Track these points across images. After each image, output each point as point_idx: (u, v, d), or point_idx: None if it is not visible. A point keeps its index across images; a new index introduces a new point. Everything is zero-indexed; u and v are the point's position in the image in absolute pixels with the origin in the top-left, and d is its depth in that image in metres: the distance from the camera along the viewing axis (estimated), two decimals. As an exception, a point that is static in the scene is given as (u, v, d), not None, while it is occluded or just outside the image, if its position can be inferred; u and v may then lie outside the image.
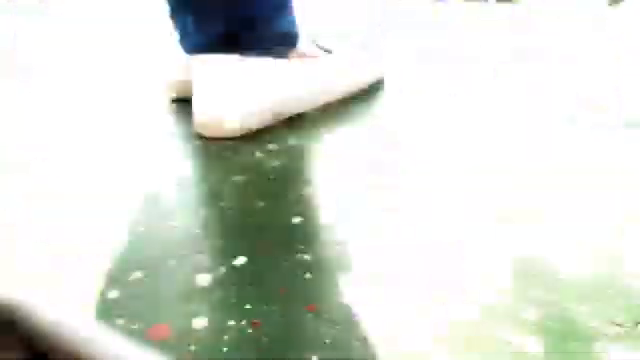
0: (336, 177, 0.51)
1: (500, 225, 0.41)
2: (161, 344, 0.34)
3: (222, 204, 0.49)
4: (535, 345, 0.31)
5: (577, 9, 1.01)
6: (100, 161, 0.59)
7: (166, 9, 0.55)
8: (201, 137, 0.62)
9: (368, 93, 0.70)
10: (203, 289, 0.38)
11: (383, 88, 0.71)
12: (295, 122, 0.63)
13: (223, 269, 0.40)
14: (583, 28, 0.90)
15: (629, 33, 0.81)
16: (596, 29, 0.86)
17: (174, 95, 0.72)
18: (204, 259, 0.42)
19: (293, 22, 0.63)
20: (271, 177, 0.52)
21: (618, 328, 0.31)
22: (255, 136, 0.61)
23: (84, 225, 0.48)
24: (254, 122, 0.61)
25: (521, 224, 0.41)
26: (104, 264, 0.42)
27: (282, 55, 0.62)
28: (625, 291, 0.34)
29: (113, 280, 0.40)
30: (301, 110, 0.65)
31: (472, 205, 0.45)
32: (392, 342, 0.32)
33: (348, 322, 0.34)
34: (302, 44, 0.66)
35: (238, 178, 0.52)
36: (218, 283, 0.39)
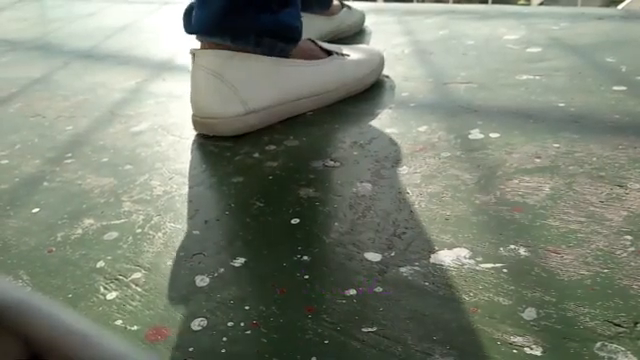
0: (335, 178, 0.51)
1: (500, 225, 0.42)
2: (160, 345, 0.34)
3: (221, 205, 0.49)
4: (534, 345, 0.31)
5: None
6: (95, 160, 0.59)
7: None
8: (200, 136, 0.62)
9: (368, 93, 0.70)
10: (202, 290, 0.38)
11: (383, 87, 0.71)
12: (294, 122, 0.63)
13: (222, 270, 0.40)
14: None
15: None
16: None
17: None
18: (203, 260, 0.42)
19: (297, 17, 0.63)
20: (270, 178, 0.52)
21: (617, 328, 0.31)
22: (254, 137, 0.61)
23: (82, 225, 0.48)
24: (253, 121, 0.61)
25: (520, 224, 0.41)
26: (102, 265, 0.42)
27: (284, 53, 0.62)
28: (623, 292, 0.34)
29: (112, 281, 0.40)
30: (301, 110, 0.65)
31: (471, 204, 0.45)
32: (391, 343, 0.32)
33: (347, 323, 0.34)
34: (304, 42, 0.66)
35: (237, 179, 0.52)
36: (217, 284, 0.39)
